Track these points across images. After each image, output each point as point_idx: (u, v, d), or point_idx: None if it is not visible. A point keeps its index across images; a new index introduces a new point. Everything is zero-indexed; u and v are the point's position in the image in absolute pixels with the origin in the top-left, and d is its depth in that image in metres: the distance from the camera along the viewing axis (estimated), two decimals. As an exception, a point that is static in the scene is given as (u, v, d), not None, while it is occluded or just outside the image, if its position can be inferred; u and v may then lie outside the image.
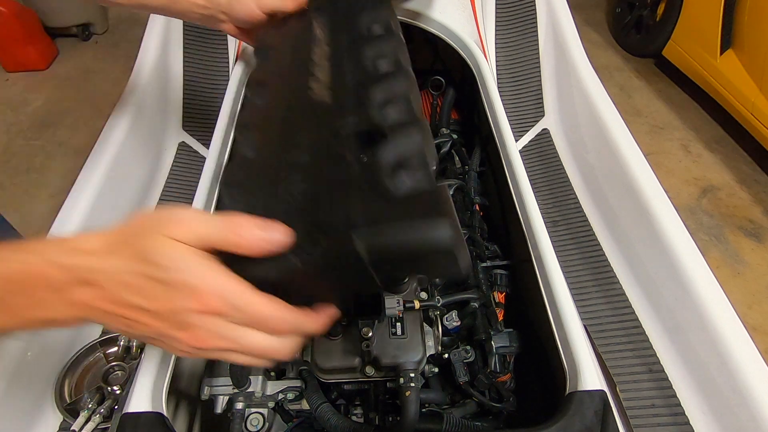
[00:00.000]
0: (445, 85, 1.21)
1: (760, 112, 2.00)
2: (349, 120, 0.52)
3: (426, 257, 0.39)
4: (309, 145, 0.52)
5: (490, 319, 0.85)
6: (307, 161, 0.50)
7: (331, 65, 0.62)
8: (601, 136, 1.09)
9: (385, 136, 0.48)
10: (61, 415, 0.78)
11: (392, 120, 0.50)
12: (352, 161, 0.46)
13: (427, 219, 0.38)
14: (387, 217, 0.39)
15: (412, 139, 0.47)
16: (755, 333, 1.68)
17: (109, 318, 0.38)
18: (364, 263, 0.38)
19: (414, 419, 0.64)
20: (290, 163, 0.50)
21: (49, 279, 0.36)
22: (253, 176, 0.53)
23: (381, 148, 0.46)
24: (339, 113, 0.54)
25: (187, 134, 1.25)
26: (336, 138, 0.50)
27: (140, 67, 1.22)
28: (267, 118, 0.61)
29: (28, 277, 0.37)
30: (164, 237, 0.36)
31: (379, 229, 0.38)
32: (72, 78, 2.71)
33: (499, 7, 1.35)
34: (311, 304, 0.43)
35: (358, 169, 0.45)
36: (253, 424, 0.74)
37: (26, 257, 0.37)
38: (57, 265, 0.36)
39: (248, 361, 0.41)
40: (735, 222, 2.02)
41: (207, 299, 0.36)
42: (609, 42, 2.96)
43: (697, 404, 0.77)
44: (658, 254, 0.89)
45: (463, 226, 0.93)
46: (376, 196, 0.42)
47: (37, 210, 2.02)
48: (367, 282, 0.41)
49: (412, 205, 0.40)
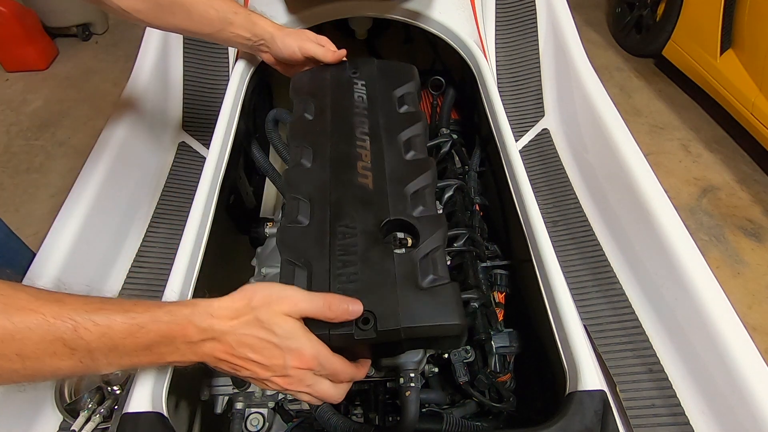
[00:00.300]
0: (445, 85, 1.21)
1: (760, 112, 2.00)
2: (389, 210, 0.68)
3: (443, 339, 0.61)
4: (357, 229, 0.66)
5: (490, 319, 0.85)
6: (358, 246, 0.64)
7: (371, 145, 0.78)
8: (601, 136, 1.09)
9: (414, 228, 0.66)
10: (61, 415, 0.78)
11: (420, 214, 0.68)
12: (392, 255, 0.63)
13: (446, 316, 0.57)
14: (417, 303, 0.58)
15: (435, 238, 0.65)
16: (755, 333, 1.68)
17: (222, 364, 0.52)
18: (401, 341, 0.58)
19: (414, 419, 0.64)
20: (342, 243, 0.65)
21: (186, 335, 0.49)
22: (308, 243, 0.66)
23: (414, 249, 0.64)
24: (379, 200, 0.70)
25: (187, 134, 1.25)
26: (378, 227, 0.66)
27: (140, 67, 1.22)
28: (317, 187, 0.73)
29: (173, 333, 0.49)
30: (279, 312, 0.51)
31: (415, 321, 0.56)
32: (72, 78, 2.71)
33: (499, 7, 1.34)
34: (356, 358, 0.60)
35: (396, 261, 0.62)
36: (253, 424, 0.74)
37: (172, 318, 0.49)
38: (194, 325, 0.49)
39: (313, 400, 0.56)
40: (735, 222, 2.02)
41: (306, 359, 0.52)
42: (609, 42, 2.95)
43: (697, 404, 0.77)
44: (658, 254, 0.89)
45: (463, 226, 0.93)
46: (410, 286, 0.60)
47: (37, 210, 2.02)
48: (397, 350, 0.63)
49: (434, 296, 0.59)
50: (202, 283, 0.76)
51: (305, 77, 0.91)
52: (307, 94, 0.88)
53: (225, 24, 0.87)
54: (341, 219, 0.68)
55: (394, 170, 0.74)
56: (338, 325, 0.55)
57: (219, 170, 0.88)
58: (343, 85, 0.88)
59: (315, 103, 0.85)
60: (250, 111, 1.17)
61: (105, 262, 0.99)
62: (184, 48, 1.30)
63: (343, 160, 0.75)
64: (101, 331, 0.45)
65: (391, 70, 0.92)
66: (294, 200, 0.72)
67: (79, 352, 0.44)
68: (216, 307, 0.51)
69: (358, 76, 0.90)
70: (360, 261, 0.63)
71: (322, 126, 0.81)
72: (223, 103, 0.96)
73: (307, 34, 0.91)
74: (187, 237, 0.76)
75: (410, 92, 0.88)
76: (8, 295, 0.42)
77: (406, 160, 0.76)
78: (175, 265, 0.73)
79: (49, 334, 0.42)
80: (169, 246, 1.05)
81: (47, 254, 0.89)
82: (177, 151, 1.22)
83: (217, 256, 1.05)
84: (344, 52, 0.91)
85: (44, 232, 0.92)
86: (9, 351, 0.41)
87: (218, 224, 0.86)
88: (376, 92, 0.87)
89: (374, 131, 0.80)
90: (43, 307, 0.43)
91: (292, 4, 1.11)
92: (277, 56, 0.92)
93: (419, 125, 0.81)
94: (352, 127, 0.80)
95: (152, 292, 0.97)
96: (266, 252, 1.00)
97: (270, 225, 1.00)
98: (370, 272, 0.61)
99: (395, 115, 0.83)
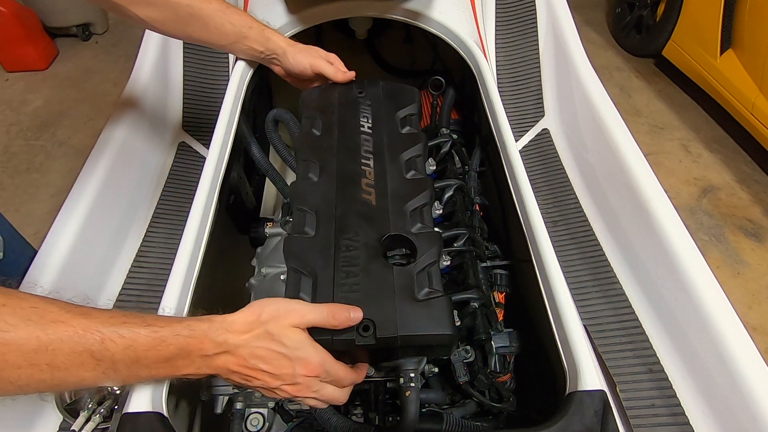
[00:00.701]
0: (445, 85, 1.21)
1: (760, 112, 2.00)
2: (390, 225, 0.74)
3: (435, 347, 0.67)
4: (360, 242, 0.72)
5: (490, 319, 0.85)
6: (360, 258, 0.69)
7: (375, 163, 0.83)
8: (601, 136, 1.09)
9: (412, 243, 0.71)
10: (61, 415, 0.77)
11: (418, 231, 0.74)
12: (391, 268, 0.68)
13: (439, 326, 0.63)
14: (413, 314, 0.63)
15: (432, 253, 0.71)
16: (755, 333, 1.68)
17: (234, 375, 0.55)
18: (397, 347, 0.63)
19: (414, 419, 0.65)
20: (346, 255, 0.70)
21: (203, 349, 0.52)
22: (314, 253, 0.71)
23: (411, 264, 0.69)
24: (381, 216, 0.75)
25: (187, 134, 1.25)
26: (379, 241, 0.72)
27: (140, 67, 1.22)
28: (323, 200, 0.78)
29: (191, 347, 0.52)
30: (287, 324, 0.55)
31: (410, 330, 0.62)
32: (72, 78, 2.71)
33: (499, 7, 1.34)
34: (355, 362, 0.65)
35: (395, 274, 0.68)
36: (253, 424, 0.74)
37: (191, 333, 0.52)
38: (210, 339, 0.52)
39: (319, 404, 0.60)
40: (735, 222, 2.02)
41: (314, 368, 0.56)
42: (609, 42, 2.95)
43: (697, 404, 0.77)
44: (658, 254, 0.89)
45: (463, 226, 0.93)
46: (407, 297, 0.65)
47: (37, 210, 2.03)
48: (393, 356, 0.68)
49: (428, 308, 0.64)
50: (202, 284, 0.76)
51: (315, 94, 0.97)
52: (315, 110, 0.93)
53: (240, 37, 0.90)
54: (345, 232, 0.73)
55: (396, 188, 0.80)
56: (340, 331, 0.59)
57: (219, 170, 0.88)
58: (350, 104, 0.94)
59: (323, 120, 0.91)
60: (250, 111, 1.17)
61: (105, 262, 0.99)
62: (184, 48, 1.30)
63: (349, 177, 0.81)
64: (126, 343, 0.47)
65: (395, 92, 0.98)
66: (301, 212, 0.76)
67: (104, 364, 0.46)
68: (230, 321, 0.54)
69: (364, 97, 0.95)
70: (362, 272, 0.68)
71: (329, 142, 0.87)
72: (223, 104, 0.96)
73: (319, 51, 0.94)
74: (187, 237, 0.76)
75: (412, 114, 0.94)
76: (41, 308, 0.44)
77: (406, 178, 0.82)
78: (175, 266, 0.73)
79: (78, 345, 0.44)
80: (169, 246, 1.05)
81: (47, 254, 0.89)
82: (177, 151, 1.22)
83: (217, 256, 1.05)
84: (353, 73, 0.95)
85: (44, 232, 0.92)
86: (41, 361, 0.43)
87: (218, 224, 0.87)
88: (381, 113, 0.93)
89: (378, 150, 0.86)
90: (74, 319, 0.45)
91: (292, 4, 1.11)
92: (289, 71, 0.95)
93: (420, 146, 0.87)
94: (357, 146, 0.86)
95: (152, 292, 0.97)
96: (266, 252, 1.00)
97: (270, 225, 1.00)
98: (371, 283, 0.66)
99: (397, 136, 0.89)
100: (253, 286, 0.98)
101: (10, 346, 0.42)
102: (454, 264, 0.89)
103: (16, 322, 0.42)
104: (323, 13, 1.12)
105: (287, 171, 1.53)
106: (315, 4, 1.10)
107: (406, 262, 0.72)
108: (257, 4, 1.16)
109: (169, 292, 0.69)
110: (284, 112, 1.00)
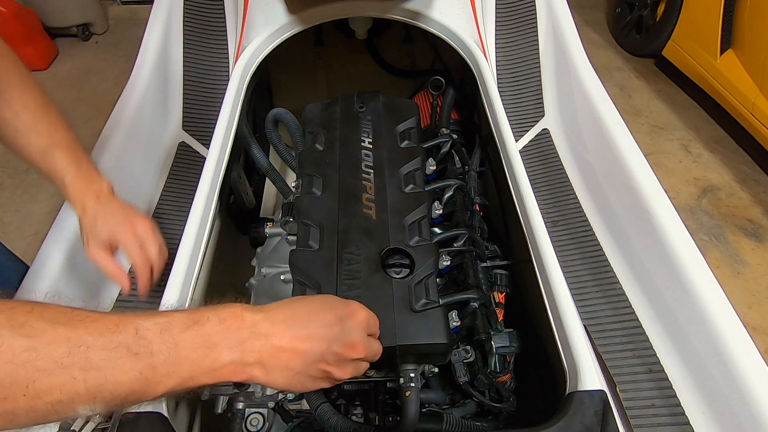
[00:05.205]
0: (445, 85, 1.21)
1: (760, 112, 2.00)
2: (389, 239, 0.78)
3: (432, 354, 0.71)
4: (361, 256, 0.76)
5: (490, 319, 0.85)
6: (361, 272, 0.74)
7: (375, 178, 0.87)
8: (601, 136, 1.09)
9: (410, 256, 0.76)
10: (61, 415, 0.77)
11: (416, 244, 0.78)
12: (391, 281, 0.73)
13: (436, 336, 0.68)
14: (411, 324, 0.68)
15: (428, 266, 0.75)
16: (755, 333, 1.68)
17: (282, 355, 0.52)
18: (396, 355, 0.68)
19: (414, 419, 0.65)
20: (348, 269, 0.74)
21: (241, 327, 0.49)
22: (318, 266, 0.74)
23: (409, 276, 0.74)
24: (381, 229, 0.79)
25: (187, 134, 1.25)
26: (379, 255, 0.76)
27: (140, 66, 1.22)
28: (326, 215, 0.81)
29: (229, 321, 0.48)
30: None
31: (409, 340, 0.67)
32: (72, 78, 2.71)
33: (499, 7, 1.34)
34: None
35: (394, 286, 0.72)
36: (253, 424, 0.74)
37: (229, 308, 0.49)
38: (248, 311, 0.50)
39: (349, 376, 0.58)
40: (735, 222, 2.02)
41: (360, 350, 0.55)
42: (609, 42, 2.96)
43: (697, 404, 0.77)
44: (658, 254, 0.89)
45: (463, 226, 0.93)
46: (405, 308, 0.70)
47: (37, 210, 2.03)
48: (392, 363, 0.71)
49: (425, 318, 0.69)
50: (202, 284, 0.76)
51: (317, 109, 1.01)
52: (318, 125, 0.96)
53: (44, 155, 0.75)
54: (347, 246, 0.77)
55: (395, 202, 0.84)
56: None
57: (219, 170, 0.88)
58: (351, 119, 0.97)
59: (325, 135, 0.94)
60: (250, 111, 1.17)
61: (105, 262, 0.99)
62: (184, 48, 1.30)
63: (350, 192, 0.85)
64: (161, 328, 0.44)
65: (394, 106, 1.01)
66: (305, 226, 0.80)
67: (141, 359, 0.42)
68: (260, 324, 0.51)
69: (365, 111, 0.99)
70: (363, 285, 0.72)
71: (331, 158, 0.91)
72: (223, 103, 0.96)
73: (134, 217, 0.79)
74: (187, 237, 0.76)
75: (411, 127, 0.98)
76: (69, 312, 0.42)
77: (405, 193, 0.86)
78: (175, 265, 0.73)
79: (112, 342, 0.41)
80: (169, 246, 1.05)
81: (48, 254, 0.89)
82: (177, 151, 1.22)
83: (217, 256, 1.05)
84: (148, 289, 0.77)
85: (44, 232, 0.92)
86: (73, 364, 0.39)
87: (218, 224, 0.87)
88: (381, 128, 0.96)
89: (378, 164, 0.89)
90: (105, 317, 0.43)
91: (292, 4, 1.11)
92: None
93: (418, 160, 0.91)
94: (358, 161, 0.90)
95: (152, 292, 0.97)
96: (266, 252, 1.00)
97: (270, 225, 1.00)
98: (372, 295, 0.70)
99: (397, 150, 0.93)
100: (253, 286, 0.98)
101: (40, 351, 0.38)
102: (454, 264, 0.89)
103: (43, 326, 0.39)
104: (323, 13, 1.12)
105: (287, 171, 1.54)
106: (315, 4, 1.10)
107: (404, 275, 0.75)
108: (257, 4, 1.16)
109: (169, 292, 0.69)
110: (284, 112, 1.00)
